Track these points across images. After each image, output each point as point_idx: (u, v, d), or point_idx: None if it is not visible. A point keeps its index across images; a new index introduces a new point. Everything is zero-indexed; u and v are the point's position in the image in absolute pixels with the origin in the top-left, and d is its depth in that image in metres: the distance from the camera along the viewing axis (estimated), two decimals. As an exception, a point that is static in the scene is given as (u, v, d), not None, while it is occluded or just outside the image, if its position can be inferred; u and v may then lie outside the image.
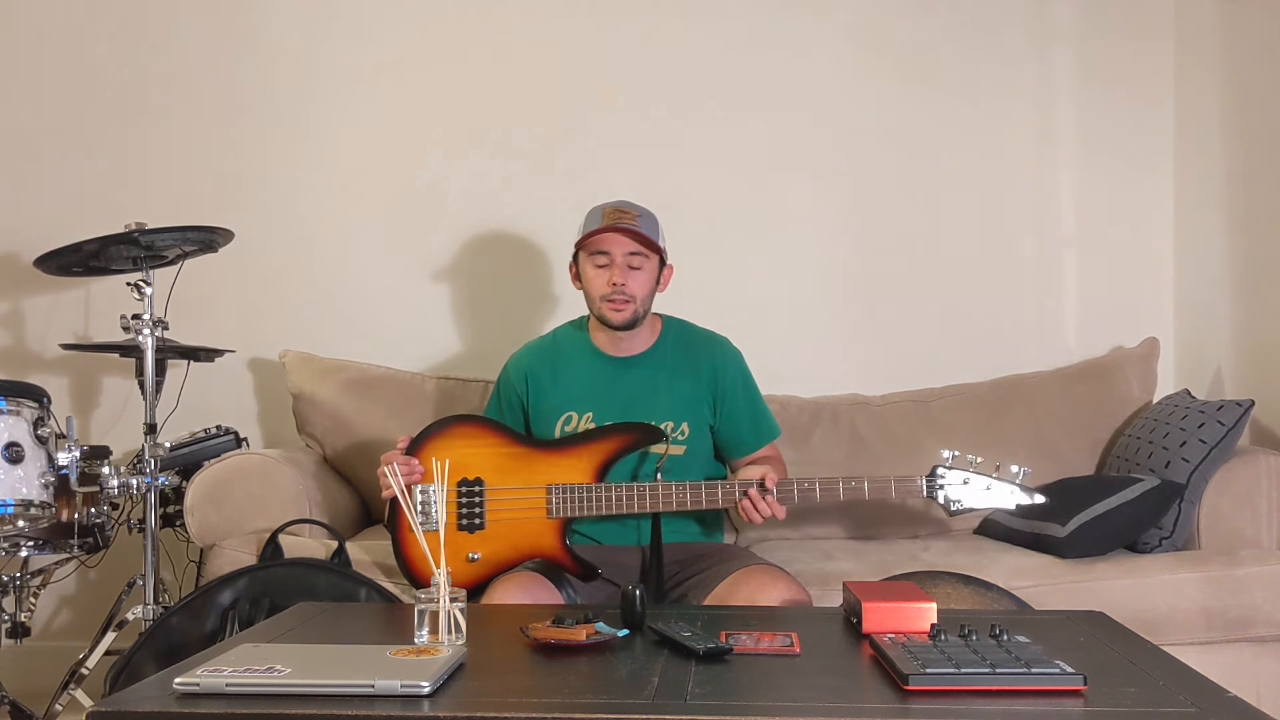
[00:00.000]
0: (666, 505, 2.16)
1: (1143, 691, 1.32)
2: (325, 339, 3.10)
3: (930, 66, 3.21)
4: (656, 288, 2.32)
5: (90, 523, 2.56)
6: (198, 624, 2.19)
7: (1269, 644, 2.40)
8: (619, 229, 2.23)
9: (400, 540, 2.21)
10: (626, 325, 2.28)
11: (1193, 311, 3.13)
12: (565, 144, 3.21)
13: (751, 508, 2.12)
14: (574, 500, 2.18)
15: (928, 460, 2.87)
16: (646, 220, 2.28)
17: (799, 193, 3.21)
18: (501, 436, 2.26)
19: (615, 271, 2.24)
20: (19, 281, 3.17)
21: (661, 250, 2.30)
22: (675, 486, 2.16)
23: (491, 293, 3.22)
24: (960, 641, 1.44)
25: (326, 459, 2.93)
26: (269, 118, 3.23)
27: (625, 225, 2.23)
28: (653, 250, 2.27)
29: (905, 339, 3.19)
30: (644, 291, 2.28)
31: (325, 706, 1.24)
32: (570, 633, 1.53)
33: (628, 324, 2.28)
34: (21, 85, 3.23)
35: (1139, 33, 3.19)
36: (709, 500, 2.16)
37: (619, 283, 2.24)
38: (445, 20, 3.23)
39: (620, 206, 2.29)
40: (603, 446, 2.22)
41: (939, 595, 2.09)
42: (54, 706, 2.55)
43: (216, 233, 2.64)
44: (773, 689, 1.36)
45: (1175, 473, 2.53)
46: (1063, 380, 3.02)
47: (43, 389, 2.42)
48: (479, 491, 2.20)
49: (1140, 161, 3.20)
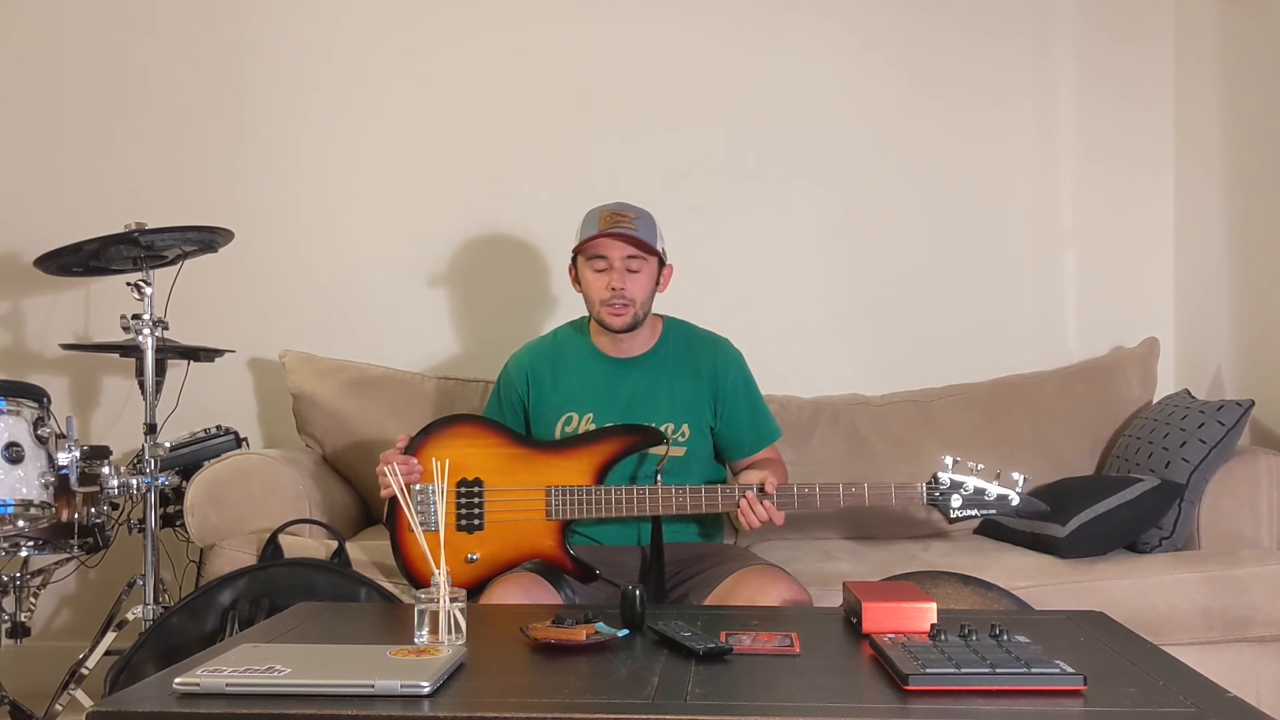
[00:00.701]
0: (666, 508, 2.16)
1: (1143, 691, 1.32)
2: (325, 339, 3.10)
3: (931, 67, 3.21)
4: (656, 289, 2.32)
5: (90, 523, 2.56)
6: (198, 624, 2.19)
7: (1269, 644, 2.40)
8: (616, 234, 2.22)
9: (399, 540, 2.21)
10: (626, 329, 2.28)
11: (1193, 311, 3.13)
12: (565, 144, 3.21)
13: (749, 510, 2.12)
14: (573, 502, 2.18)
15: (928, 460, 2.88)
16: (644, 222, 2.28)
17: (799, 193, 3.21)
18: (501, 437, 2.26)
19: (614, 276, 2.24)
20: (19, 281, 3.17)
21: (660, 252, 2.30)
22: (675, 490, 2.16)
23: (491, 293, 3.22)
24: (960, 641, 1.44)
25: (326, 459, 2.93)
26: (269, 118, 3.23)
27: (622, 229, 2.22)
28: (650, 253, 2.27)
29: (905, 339, 3.19)
30: (643, 294, 2.27)
31: (325, 706, 1.24)
32: (570, 633, 1.53)
33: (628, 328, 2.28)
34: (22, 85, 3.23)
35: (1139, 34, 3.19)
36: (709, 504, 2.15)
37: (618, 287, 2.24)
38: (445, 22, 3.23)
39: (618, 209, 2.29)
40: (603, 448, 2.22)
41: (939, 595, 2.09)
42: (54, 706, 2.55)
43: (216, 233, 2.64)
44: (773, 689, 1.36)
45: (1175, 473, 2.53)
46: (1063, 380, 3.02)
47: (43, 389, 2.42)
48: (478, 492, 2.20)
49: (1140, 162, 3.20)
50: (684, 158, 3.20)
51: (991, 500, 2.13)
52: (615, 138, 3.20)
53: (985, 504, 2.13)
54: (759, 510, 2.11)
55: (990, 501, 2.13)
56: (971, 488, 2.13)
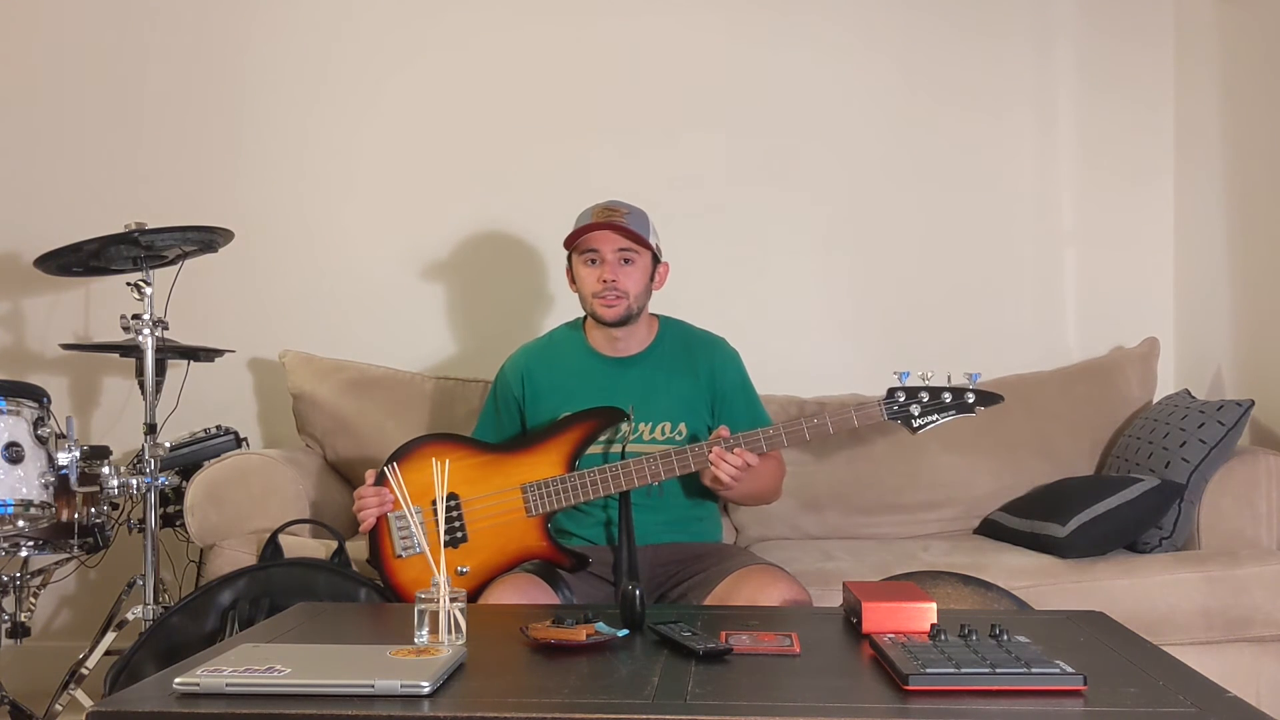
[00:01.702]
0: (641, 480, 2.15)
1: (1143, 691, 1.31)
2: (325, 339, 3.10)
3: (931, 68, 3.21)
4: (651, 285, 2.32)
5: (90, 523, 2.56)
6: (198, 624, 2.19)
7: (1269, 644, 2.40)
8: (607, 224, 2.23)
9: (387, 569, 2.20)
10: (620, 321, 2.28)
11: (1193, 311, 3.13)
12: (563, 145, 3.20)
13: (721, 460, 2.09)
14: (549, 494, 2.17)
15: (928, 460, 2.90)
16: (636, 217, 2.28)
17: (798, 193, 3.20)
18: (467, 448, 2.26)
19: (606, 268, 2.24)
20: (19, 281, 3.17)
21: (653, 247, 2.30)
22: (646, 460, 2.14)
23: (491, 293, 3.22)
24: (960, 641, 1.44)
25: (326, 459, 2.93)
26: (269, 118, 3.23)
27: (613, 221, 2.23)
28: (643, 246, 2.27)
29: (905, 339, 3.18)
30: (637, 288, 2.27)
31: (325, 706, 1.24)
32: (570, 633, 1.53)
33: (621, 320, 2.27)
34: (22, 85, 3.23)
35: (1139, 34, 3.19)
36: (681, 466, 2.13)
37: (609, 279, 2.24)
38: (444, 22, 3.23)
39: (610, 205, 2.30)
40: (569, 437, 2.21)
41: (939, 595, 2.08)
42: (54, 706, 2.55)
43: (216, 233, 2.64)
44: (773, 689, 1.36)
45: (1175, 473, 2.53)
46: (1063, 380, 3.02)
47: (43, 389, 2.42)
48: (455, 506, 2.19)
49: (1140, 161, 3.20)
50: (684, 157, 3.19)
51: (949, 402, 2.12)
52: (615, 139, 3.20)
53: (944, 406, 2.13)
54: (732, 458, 2.10)
55: (949, 403, 2.12)
56: (927, 394, 2.13)
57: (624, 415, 2.23)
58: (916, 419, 2.13)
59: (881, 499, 2.88)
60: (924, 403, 2.13)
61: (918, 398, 2.13)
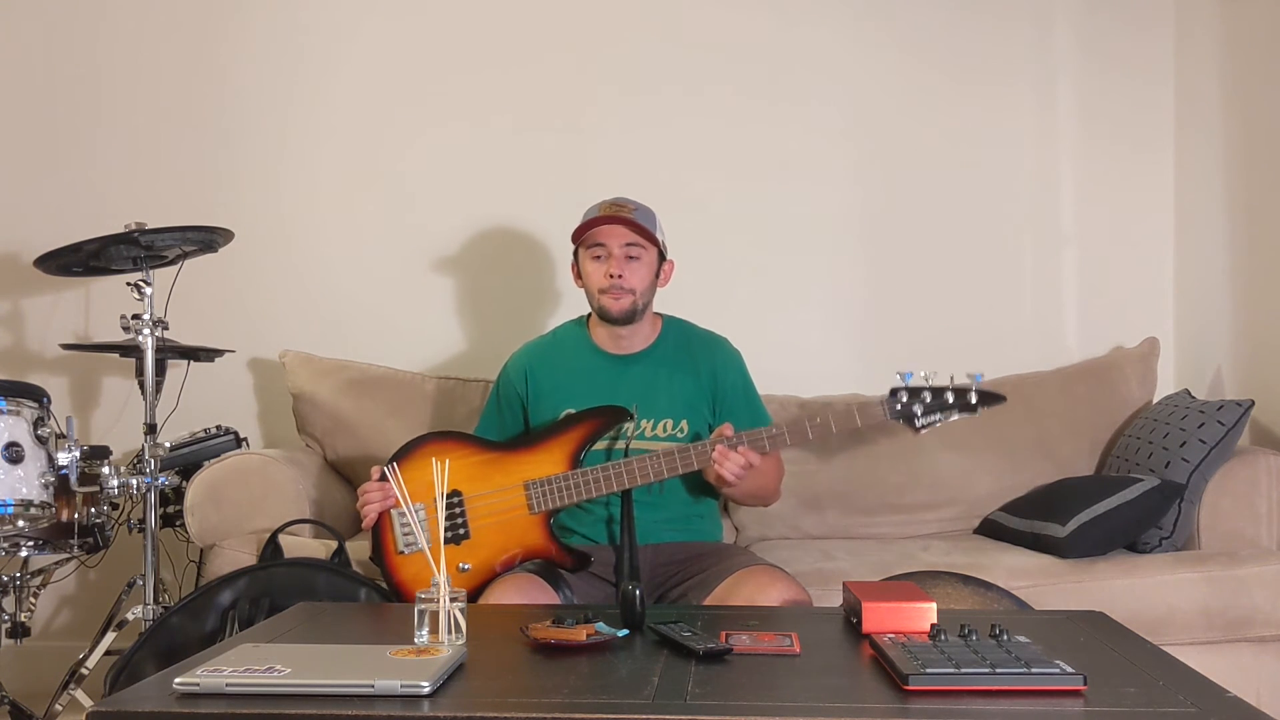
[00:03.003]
0: (644, 478, 2.15)
1: (1143, 691, 1.32)
2: (325, 339, 3.10)
3: (930, 68, 3.20)
4: (656, 282, 2.33)
5: (90, 523, 2.56)
6: (198, 624, 2.18)
7: (1269, 644, 2.40)
8: (614, 219, 2.23)
9: (389, 565, 2.20)
10: (626, 317, 2.28)
11: (1193, 311, 3.13)
12: (566, 141, 3.21)
13: (724, 459, 2.09)
14: (552, 492, 2.17)
15: (928, 460, 2.90)
16: (643, 213, 2.29)
17: (798, 191, 3.20)
18: (470, 446, 2.26)
19: (612, 263, 2.25)
20: (19, 281, 3.17)
21: (659, 243, 2.30)
22: (649, 458, 2.14)
23: (492, 292, 3.22)
24: (960, 641, 1.44)
25: (327, 459, 2.93)
26: (269, 118, 3.23)
27: (621, 215, 2.23)
28: (649, 241, 2.27)
29: (905, 339, 3.18)
30: (643, 284, 2.28)
31: (325, 706, 1.24)
32: (570, 633, 1.53)
33: (627, 315, 2.27)
34: (22, 85, 3.23)
35: (1139, 27, 3.19)
36: (684, 465, 2.14)
37: (616, 273, 2.24)
38: (445, 19, 3.23)
39: (616, 200, 2.30)
40: (573, 435, 2.21)
41: (939, 595, 2.08)
42: (54, 706, 2.55)
43: (216, 233, 2.64)
44: (773, 689, 1.36)
45: (1175, 473, 2.52)
46: (1062, 380, 3.02)
47: (43, 389, 2.42)
48: (458, 503, 2.19)
49: (1140, 162, 3.20)
50: (686, 155, 3.19)
51: (952, 401, 2.12)
52: (615, 135, 3.20)
53: (947, 406, 2.13)
54: (735, 457, 2.10)
55: (951, 403, 2.12)
56: (930, 394, 2.13)
57: (628, 415, 2.23)
58: (919, 419, 2.13)
59: (882, 499, 2.88)
60: (927, 403, 2.13)
61: (920, 398, 2.13)
